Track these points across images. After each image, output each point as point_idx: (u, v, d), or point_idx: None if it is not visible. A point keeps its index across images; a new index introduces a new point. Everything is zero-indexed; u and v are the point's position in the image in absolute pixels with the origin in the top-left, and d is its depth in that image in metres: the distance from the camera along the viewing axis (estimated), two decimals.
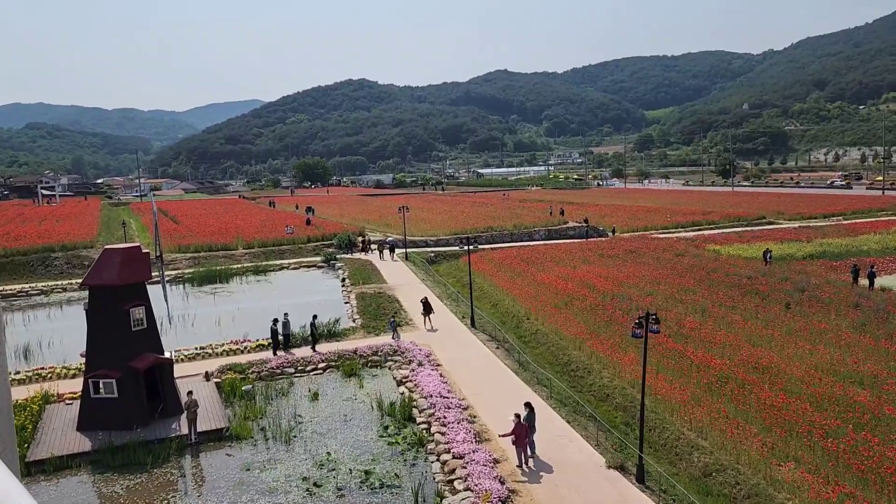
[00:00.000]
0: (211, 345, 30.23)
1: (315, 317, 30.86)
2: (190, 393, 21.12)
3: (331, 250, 55.95)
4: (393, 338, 30.59)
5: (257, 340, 30.60)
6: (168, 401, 22.36)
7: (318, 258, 54.63)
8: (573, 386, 24.62)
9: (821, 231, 60.66)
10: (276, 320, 29.95)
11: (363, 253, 55.82)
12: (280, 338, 29.51)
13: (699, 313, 31.31)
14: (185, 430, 20.92)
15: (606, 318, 30.71)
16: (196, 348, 29.74)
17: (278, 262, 54.45)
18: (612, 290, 36.48)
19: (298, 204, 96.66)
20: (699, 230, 66.71)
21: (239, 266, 53.05)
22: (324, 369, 27.40)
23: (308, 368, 27.31)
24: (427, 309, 33.55)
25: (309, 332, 30.18)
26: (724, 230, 65.72)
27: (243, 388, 24.66)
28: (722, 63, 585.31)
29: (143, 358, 21.75)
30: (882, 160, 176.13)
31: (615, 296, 34.88)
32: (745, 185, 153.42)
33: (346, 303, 39.55)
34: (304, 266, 53.48)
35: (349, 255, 54.91)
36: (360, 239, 59.05)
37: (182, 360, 28.05)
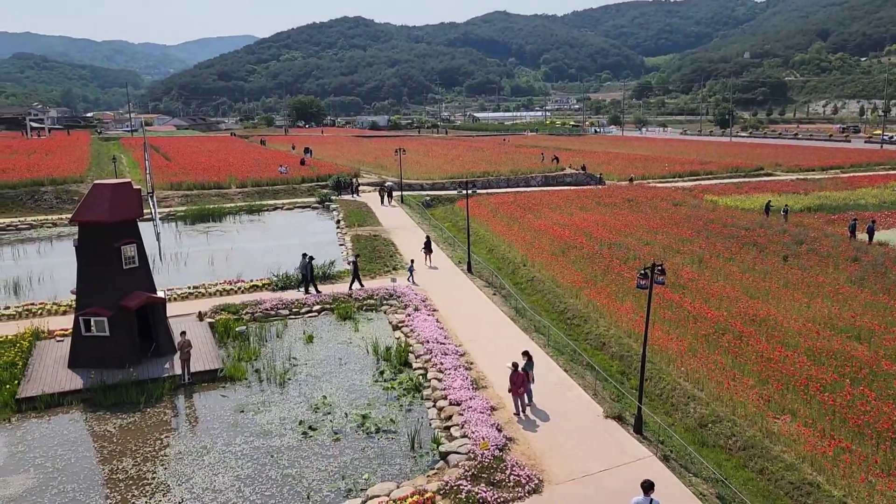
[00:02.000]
0: (204, 284, 29.90)
1: (311, 258, 29.37)
2: (183, 333, 20.84)
3: (325, 191, 55.25)
4: (409, 279, 30.55)
5: (251, 281, 30.27)
6: (161, 340, 22.11)
7: (313, 199, 53.99)
8: (570, 334, 24.50)
9: (819, 184, 60.35)
10: (305, 255, 29.28)
11: (352, 195, 54.98)
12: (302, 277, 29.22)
13: (696, 264, 31.12)
14: (178, 371, 20.73)
15: (603, 266, 30.46)
16: (189, 288, 29.40)
17: (272, 202, 53.81)
18: (610, 238, 36.17)
19: (295, 144, 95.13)
20: (697, 180, 66.23)
21: (232, 205, 52.40)
22: (318, 312, 27.16)
23: (303, 310, 27.06)
24: (428, 247, 34.19)
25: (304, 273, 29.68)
26: (722, 181, 65.25)
27: (237, 329, 24.43)
28: (725, 10, 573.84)
29: (135, 296, 21.39)
30: (881, 114, 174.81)
31: (612, 244, 34.60)
32: (744, 136, 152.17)
33: (341, 245, 39.17)
34: (299, 207, 52.88)
35: (345, 197, 54.26)
36: (354, 180, 58.29)
37: (175, 299, 27.74)
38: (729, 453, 16.40)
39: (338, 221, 45.56)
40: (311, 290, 28.96)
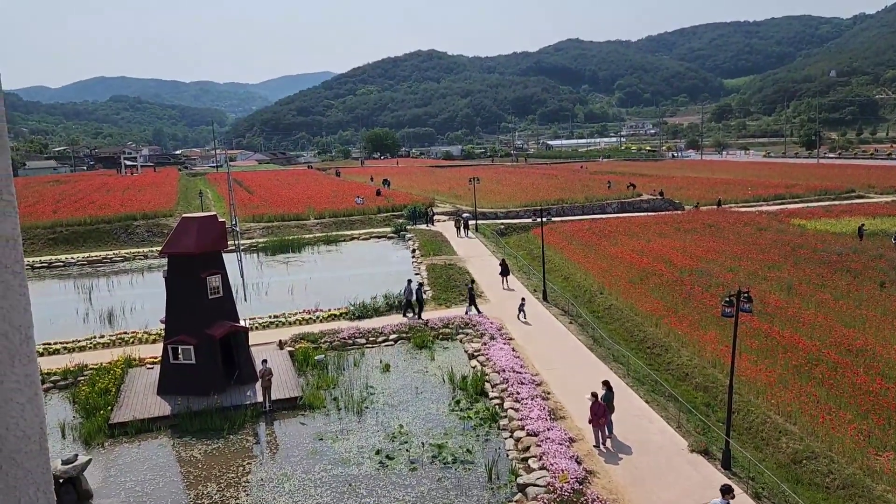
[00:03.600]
0: (284, 314, 30.62)
1: (420, 284, 32.60)
2: (264, 361, 21.35)
3: (401, 221, 55.96)
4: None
5: (328, 310, 30.82)
6: (243, 368, 22.70)
7: (389, 229, 54.75)
8: (650, 364, 23.78)
9: None
10: (410, 281, 31.54)
11: (427, 225, 55.39)
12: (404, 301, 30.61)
13: (785, 291, 29.78)
14: (259, 398, 21.20)
15: (684, 294, 29.54)
16: (270, 317, 30.17)
17: (349, 232, 54.88)
18: (690, 265, 35.11)
19: (373, 176, 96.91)
20: (782, 204, 63.76)
21: (310, 236, 53.73)
22: (395, 341, 27.35)
23: (379, 339, 27.31)
24: (504, 270, 35.14)
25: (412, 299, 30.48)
26: (810, 204, 62.56)
27: (316, 358, 24.83)
28: (808, 28, 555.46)
29: (220, 325, 22.09)
30: None
31: (693, 271, 33.56)
32: (832, 157, 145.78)
33: (417, 274, 39.43)
34: (375, 237, 53.72)
35: (420, 227, 54.81)
36: (429, 210, 58.83)
37: (256, 328, 28.50)
38: (826, 492, 15.43)
39: (413, 251, 45.98)
40: (412, 314, 29.94)
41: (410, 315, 29.83)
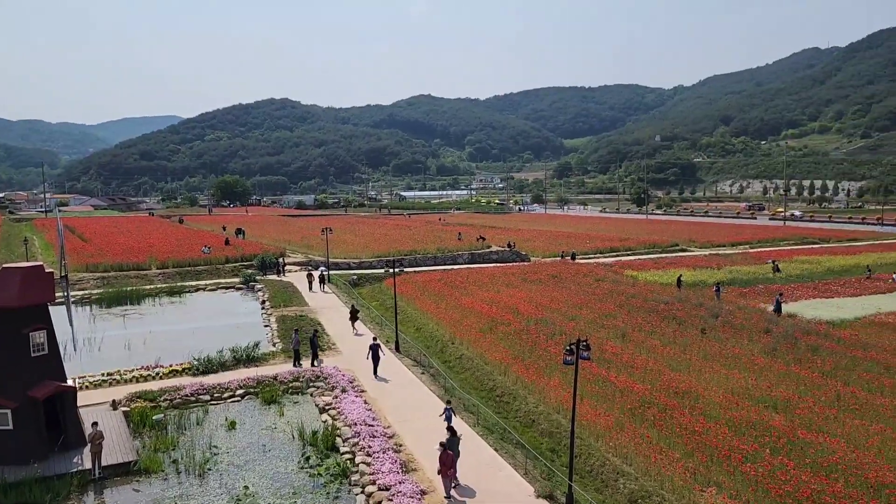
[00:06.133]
0: (119, 371, 28.52)
1: (315, 331, 32.43)
2: (95, 424, 19.71)
3: (250, 271, 54.30)
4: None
5: (170, 366, 29.09)
6: (70, 432, 20.81)
7: (237, 279, 52.91)
8: (499, 412, 24.42)
9: (730, 259, 63.29)
10: (297, 330, 32.32)
11: (276, 275, 54.18)
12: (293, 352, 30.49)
13: (620, 338, 31.81)
14: (88, 465, 19.47)
15: (531, 342, 30.77)
16: (103, 374, 27.98)
17: (194, 283, 52.41)
18: (536, 314, 36.69)
19: (226, 225, 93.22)
20: (617, 256, 68.43)
21: (152, 287, 50.73)
22: (242, 396, 26.25)
23: (225, 395, 26.10)
24: (354, 315, 36.13)
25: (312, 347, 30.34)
26: (641, 256, 67.64)
27: (154, 418, 23.27)
28: (636, 96, 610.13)
29: (44, 386, 20.20)
30: (782, 193, 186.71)
31: (538, 320, 35.06)
32: (659, 214, 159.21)
33: (267, 326, 38.30)
34: (222, 287, 51.65)
35: (271, 277, 53.43)
36: (280, 260, 57.59)
37: (87, 387, 26.34)
38: None
39: (263, 302, 44.68)
40: (300, 365, 29.70)
41: (300, 366, 29.51)
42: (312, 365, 29.84)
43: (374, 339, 30.16)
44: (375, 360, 28.46)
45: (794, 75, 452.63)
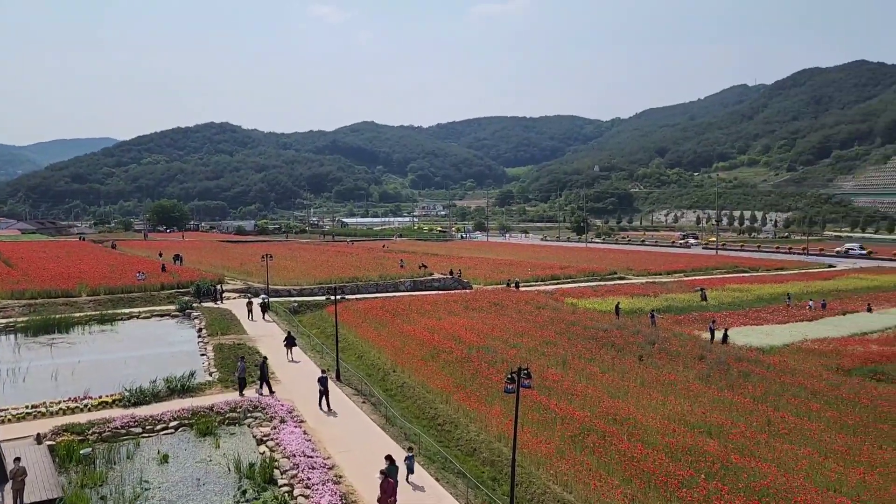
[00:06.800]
0: (45, 403, 27.23)
1: (264, 357, 31.78)
2: (17, 459, 18.75)
3: (187, 298, 52.91)
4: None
5: (100, 397, 27.96)
6: None
7: (173, 306, 51.45)
8: (440, 441, 24.31)
9: (665, 286, 65.01)
10: (243, 357, 31.48)
11: (214, 302, 52.98)
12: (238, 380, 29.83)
13: (560, 365, 32.19)
14: (9, 502, 18.48)
15: (473, 370, 30.84)
16: (27, 407, 26.67)
17: (127, 310, 50.71)
18: (478, 342, 36.82)
19: (163, 252, 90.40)
20: (558, 284, 69.45)
21: (81, 314, 48.83)
22: (176, 428, 25.39)
23: (157, 427, 25.20)
24: (290, 342, 36.02)
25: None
26: (581, 284, 68.83)
27: (81, 452, 22.27)
28: (575, 127, 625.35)
29: None
30: (714, 223, 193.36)
31: (480, 348, 35.19)
32: (598, 242, 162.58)
33: (203, 354, 37.29)
34: (157, 315, 50.13)
35: (208, 304, 52.19)
36: (218, 286, 56.35)
37: (8, 420, 25.08)
38: None
39: (199, 330, 43.52)
40: (264, 389, 29.44)
41: (248, 393, 29.04)
42: (262, 393, 29.27)
43: (323, 371, 29.60)
44: (324, 392, 27.82)
45: (725, 110, 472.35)
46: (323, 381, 27.87)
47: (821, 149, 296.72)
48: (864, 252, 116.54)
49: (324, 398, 27.64)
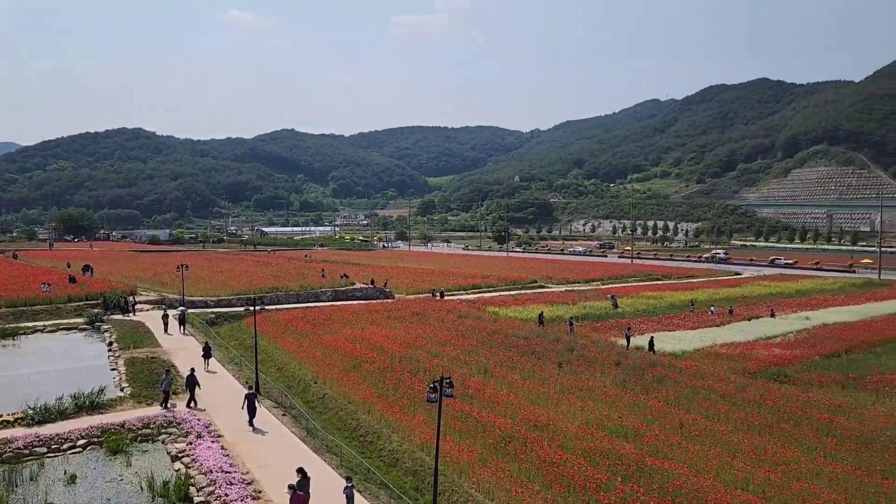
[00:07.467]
0: None
1: (192, 369, 30.40)
2: None
3: (96, 311, 50.62)
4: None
5: (0, 416, 26.39)
6: None
7: (81, 320, 49.12)
8: (363, 452, 24.12)
9: (584, 294, 66.68)
10: (169, 371, 31.11)
11: (124, 314, 50.94)
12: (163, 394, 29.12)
13: (482, 374, 32.51)
14: None
15: (395, 380, 30.76)
16: None
17: (31, 324, 48.07)
18: (400, 352, 36.77)
19: (71, 262, 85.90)
20: (479, 293, 70.15)
21: None
22: (84, 447, 24.23)
23: (64, 447, 23.98)
24: (207, 353, 35.37)
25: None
26: (502, 293, 69.75)
27: None
28: (496, 138, 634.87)
29: None
30: (630, 232, 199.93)
31: (403, 358, 35.16)
32: (518, 251, 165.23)
33: (114, 369, 35.75)
34: (64, 328, 47.70)
35: (121, 317, 50.10)
36: (130, 298, 54.19)
37: None
38: None
39: (110, 344, 41.71)
40: (170, 405, 28.58)
41: (166, 407, 28.22)
42: (188, 407, 28.56)
43: (250, 388, 28.66)
44: (251, 410, 26.72)
45: (638, 124, 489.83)
46: (251, 399, 26.88)
47: (728, 162, 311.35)
48: (725, 257, 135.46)
49: (251, 416, 26.59)
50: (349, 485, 18.91)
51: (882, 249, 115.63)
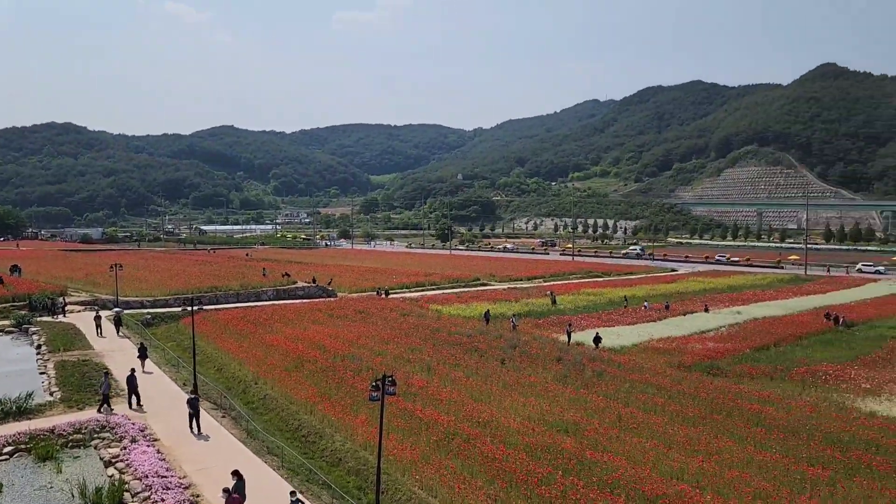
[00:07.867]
0: None
1: (133, 369, 29.84)
2: None
3: (24, 313, 48.64)
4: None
5: None
6: None
7: (8, 322, 47.13)
8: (305, 452, 23.84)
9: (526, 292, 67.43)
10: (108, 373, 29.80)
11: (53, 316, 49.12)
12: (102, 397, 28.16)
13: (426, 371, 32.55)
14: None
15: (338, 379, 30.53)
16: None
17: None
18: (343, 350, 36.50)
19: None
20: (423, 291, 70.21)
21: None
22: (10, 454, 23.23)
23: None
24: (143, 354, 34.69)
25: None
26: (445, 291, 69.95)
27: None
28: (439, 136, 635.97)
29: None
30: (570, 230, 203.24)
31: (346, 356, 34.92)
32: (462, 249, 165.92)
33: (43, 373, 34.40)
34: None
35: (50, 319, 48.26)
36: (61, 299, 52.23)
37: None
38: None
39: (38, 347, 40.13)
40: (133, 402, 28.36)
41: (103, 411, 27.38)
42: (131, 408, 28.07)
43: (193, 392, 27.98)
44: (194, 415, 25.73)
45: (578, 123, 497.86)
46: (193, 403, 25.97)
47: (664, 161, 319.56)
48: (643, 252, 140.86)
49: (194, 421, 25.65)
50: (293, 499, 17.94)
51: (808, 246, 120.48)
